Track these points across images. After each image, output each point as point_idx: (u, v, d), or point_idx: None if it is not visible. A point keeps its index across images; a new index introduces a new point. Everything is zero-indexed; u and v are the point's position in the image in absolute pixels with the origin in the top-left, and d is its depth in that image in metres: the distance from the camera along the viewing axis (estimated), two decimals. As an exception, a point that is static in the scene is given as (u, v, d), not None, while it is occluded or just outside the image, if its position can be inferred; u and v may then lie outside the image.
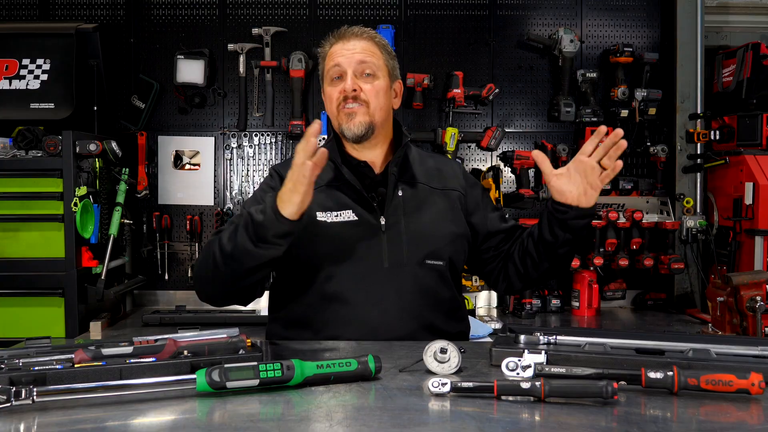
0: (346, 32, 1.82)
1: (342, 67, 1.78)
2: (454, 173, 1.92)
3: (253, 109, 3.44)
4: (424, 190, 1.84)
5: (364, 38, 1.81)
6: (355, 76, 1.77)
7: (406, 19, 3.45)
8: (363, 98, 1.77)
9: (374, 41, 1.82)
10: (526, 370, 1.24)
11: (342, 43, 1.80)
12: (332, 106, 1.80)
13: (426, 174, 1.87)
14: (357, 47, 1.79)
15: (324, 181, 1.79)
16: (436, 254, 1.77)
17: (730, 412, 1.12)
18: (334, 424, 1.06)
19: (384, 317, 1.70)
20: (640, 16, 3.52)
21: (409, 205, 1.79)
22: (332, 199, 1.77)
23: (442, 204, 1.84)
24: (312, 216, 1.73)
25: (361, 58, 1.78)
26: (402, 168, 1.84)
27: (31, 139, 2.78)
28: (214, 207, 3.44)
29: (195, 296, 1.77)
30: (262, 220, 1.52)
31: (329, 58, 1.82)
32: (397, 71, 1.89)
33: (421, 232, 1.78)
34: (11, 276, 2.77)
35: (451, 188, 1.87)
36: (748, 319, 2.32)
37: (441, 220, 1.81)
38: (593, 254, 3.28)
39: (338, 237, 1.74)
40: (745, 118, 3.26)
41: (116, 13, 3.43)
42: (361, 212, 1.76)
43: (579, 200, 1.68)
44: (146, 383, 1.18)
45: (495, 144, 3.43)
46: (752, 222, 3.11)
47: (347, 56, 1.78)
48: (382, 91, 1.80)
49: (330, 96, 1.81)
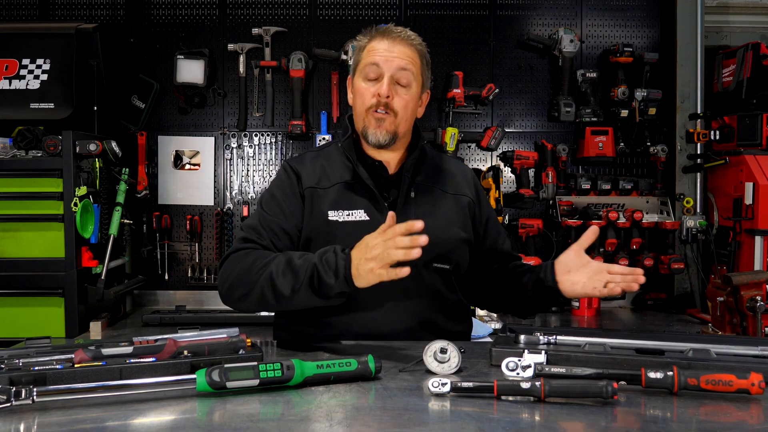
0: (393, 32, 1.78)
1: (380, 68, 1.75)
2: (467, 179, 1.92)
3: (253, 109, 3.44)
4: (437, 193, 1.84)
5: (408, 44, 1.77)
6: (391, 80, 1.74)
7: (406, 19, 3.45)
8: (393, 107, 1.75)
9: (417, 50, 1.79)
10: (526, 370, 1.24)
11: (386, 43, 1.75)
12: (362, 105, 1.77)
13: (439, 177, 1.87)
14: (400, 51, 1.75)
15: (339, 180, 1.79)
16: (443, 258, 1.77)
17: (730, 412, 1.12)
18: (334, 424, 1.06)
19: (387, 318, 1.71)
20: (640, 16, 3.52)
21: (420, 208, 1.79)
22: (345, 198, 1.77)
23: (452, 208, 1.84)
24: (324, 214, 1.74)
25: (402, 65, 1.75)
26: (416, 170, 1.84)
27: (31, 139, 2.78)
28: (214, 207, 3.44)
29: (195, 296, 1.79)
30: (332, 284, 1.50)
31: (368, 53, 1.78)
32: (429, 82, 1.87)
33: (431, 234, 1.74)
34: (11, 276, 2.77)
35: (463, 193, 1.87)
36: (748, 319, 2.32)
37: (451, 225, 1.81)
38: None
39: (348, 236, 1.73)
40: (745, 118, 3.26)
41: (116, 13, 3.43)
42: (373, 212, 1.76)
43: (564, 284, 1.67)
44: (146, 383, 1.18)
45: (495, 144, 3.43)
46: (752, 222, 3.11)
47: (389, 59, 1.74)
48: (412, 103, 1.79)
49: (362, 93, 1.77)
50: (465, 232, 1.83)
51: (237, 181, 3.45)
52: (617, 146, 3.41)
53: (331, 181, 1.80)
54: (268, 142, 3.45)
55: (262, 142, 3.45)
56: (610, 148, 3.37)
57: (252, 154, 3.45)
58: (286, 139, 3.45)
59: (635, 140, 3.45)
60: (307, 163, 1.85)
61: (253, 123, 3.45)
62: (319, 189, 1.78)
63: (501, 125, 3.46)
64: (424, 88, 1.84)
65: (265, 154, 3.45)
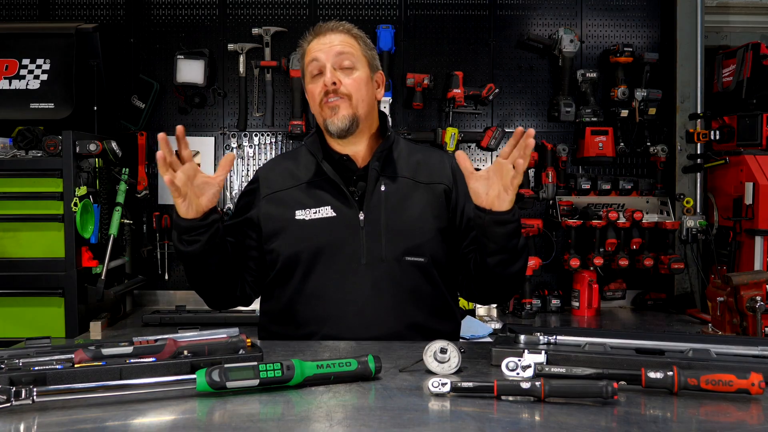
0: (322, 27, 1.82)
1: (320, 61, 1.77)
2: (442, 166, 1.86)
3: (253, 109, 3.44)
4: (408, 184, 1.80)
5: (340, 31, 1.80)
6: (334, 69, 1.76)
7: (406, 19, 3.45)
8: (344, 91, 1.75)
9: (350, 33, 1.82)
10: (526, 370, 1.24)
11: (318, 39, 1.80)
12: (315, 103, 1.79)
13: (411, 168, 1.83)
14: (334, 40, 1.78)
15: (305, 179, 1.80)
16: (416, 250, 1.74)
17: (730, 412, 1.12)
18: (334, 424, 1.06)
19: (360, 314, 1.70)
20: (640, 16, 3.52)
21: (391, 200, 1.76)
22: (311, 196, 1.78)
23: (426, 199, 1.79)
24: (291, 214, 1.76)
25: (339, 50, 1.77)
26: (385, 162, 1.81)
27: (31, 139, 2.78)
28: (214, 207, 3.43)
29: (195, 296, 1.83)
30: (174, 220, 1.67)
31: (307, 55, 1.81)
32: (377, 61, 1.87)
33: (401, 227, 1.75)
34: (11, 276, 2.76)
35: (437, 182, 1.82)
36: (748, 319, 2.32)
37: (424, 216, 1.77)
38: (593, 254, 3.28)
39: (315, 234, 1.74)
40: (745, 118, 3.26)
41: (116, 13, 3.43)
42: (340, 208, 1.75)
43: (492, 203, 1.57)
44: (146, 383, 1.18)
45: (495, 144, 3.43)
46: (752, 222, 3.11)
47: (324, 50, 1.77)
48: (363, 83, 1.78)
49: (312, 93, 1.80)
50: (440, 221, 1.78)
51: (237, 181, 3.45)
52: (617, 146, 3.41)
53: (296, 180, 1.81)
54: (268, 142, 3.45)
55: (262, 142, 3.45)
56: (610, 148, 3.37)
57: (252, 154, 3.45)
58: (286, 139, 3.45)
59: (635, 140, 3.45)
60: (274, 167, 1.90)
61: (253, 123, 3.45)
62: (282, 192, 1.80)
63: (501, 125, 3.46)
64: (373, 68, 1.83)
65: (265, 154, 3.45)
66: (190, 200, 1.60)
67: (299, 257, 1.74)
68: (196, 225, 1.63)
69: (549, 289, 3.37)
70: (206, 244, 1.64)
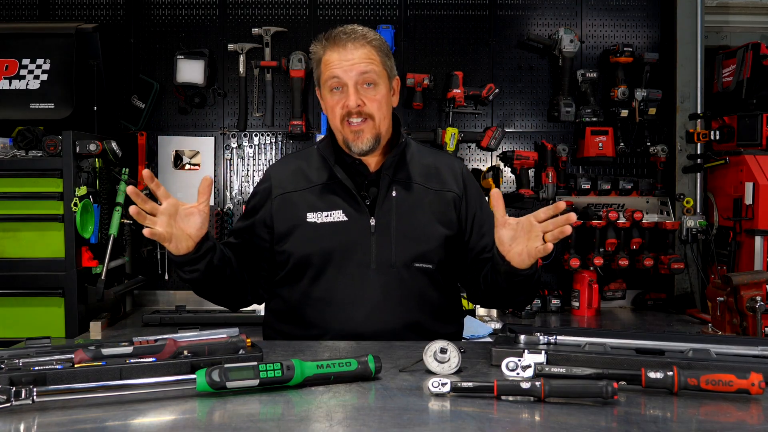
0: (341, 37, 1.73)
1: (342, 79, 1.71)
2: (453, 173, 1.86)
3: (253, 109, 3.44)
4: (419, 190, 1.80)
5: (361, 44, 1.72)
6: (356, 87, 1.72)
7: (406, 19, 3.45)
8: (367, 111, 1.72)
9: (371, 45, 1.74)
10: (526, 370, 1.24)
11: (339, 52, 1.72)
12: (335, 118, 1.75)
13: (423, 173, 1.83)
14: (355, 57, 1.71)
15: (318, 182, 1.79)
16: (425, 257, 1.75)
17: (730, 412, 1.12)
18: (334, 424, 1.06)
19: (368, 318, 1.70)
20: (640, 16, 3.52)
21: (402, 206, 1.77)
22: (323, 199, 1.77)
23: (436, 205, 1.79)
24: (302, 217, 1.75)
25: (362, 69, 1.71)
26: (397, 167, 1.80)
27: (31, 139, 2.78)
28: (215, 207, 3.44)
29: (195, 296, 1.85)
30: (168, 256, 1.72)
31: (325, 67, 1.75)
32: (395, 69, 1.82)
33: (411, 234, 1.75)
34: (11, 276, 2.76)
35: (448, 189, 1.82)
36: (748, 319, 2.32)
37: (434, 223, 1.77)
38: (593, 254, 3.28)
39: (326, 238, 1.74)
40: (745, 118, 3.25)
41: (116, 13, 3.43)
42: (351, 213, 1.75)
43: (513, 258, 1.56)
44: (146, 383, 1.18)
45: (495, 144, 3.43)
46: (752, 222, 3.11)
47: (346, 68, 1.71)
48: (385, 101, 1.76)
49: (331, 107, 1.75)
50: (448, 228, 1.78)
51: (237, 181, 3.45)
52: (617, 146, 3.41)
53: (309, 183, 1.80)
54: (268, 142, 3.45)
55: (262, 142, 3.45)
56: (610, 148, 3.37)
57: (252, 154, 3.45)
58: (286, 139, 3.45)
59: (635, 140, 3.45)
60: (286, 166, 1.88)
61: (253, 123, 3.45)
62: (294, 193, 1.79)
63: (501, 125, 3.46)
64: (391, 78, 1.80)
65: (265, 155, 3.45)
66: (178, 239, 1.58)
67: (310, 260, 1.74)
68: (190, 259, 1.62)
69: (549, 289, 3.36)
70: (205, 272, 1.65)
